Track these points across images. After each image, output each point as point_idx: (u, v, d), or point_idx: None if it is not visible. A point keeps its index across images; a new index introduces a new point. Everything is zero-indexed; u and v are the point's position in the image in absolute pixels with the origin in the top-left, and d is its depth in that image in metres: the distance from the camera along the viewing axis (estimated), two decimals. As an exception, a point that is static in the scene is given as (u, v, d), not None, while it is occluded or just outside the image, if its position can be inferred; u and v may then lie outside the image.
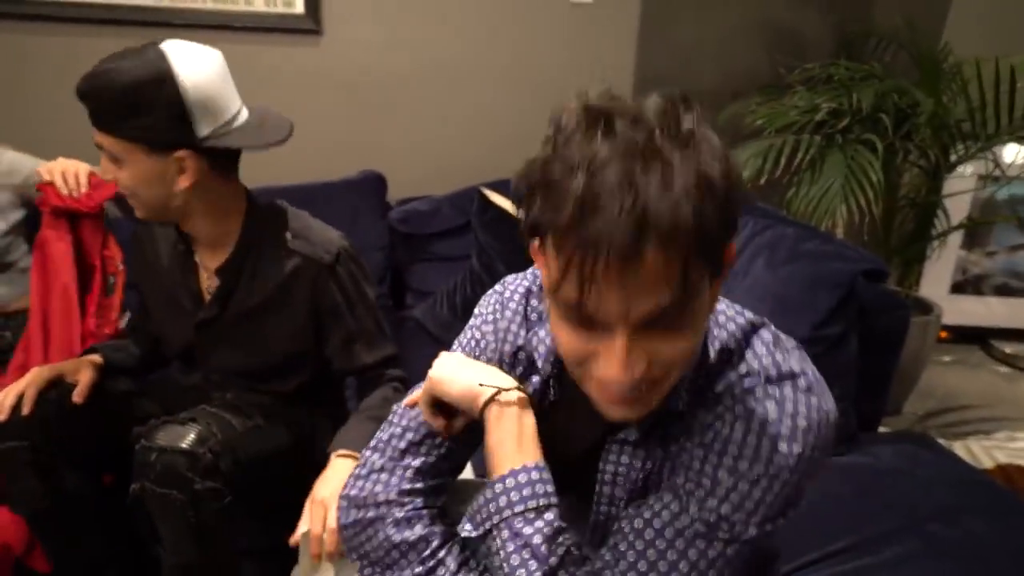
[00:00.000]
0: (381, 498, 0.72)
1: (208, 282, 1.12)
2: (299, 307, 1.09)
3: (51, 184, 1.27)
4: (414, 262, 1.90)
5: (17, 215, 1.43)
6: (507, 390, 0.68)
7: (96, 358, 1.15)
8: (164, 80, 0.90)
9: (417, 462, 0.73)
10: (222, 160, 1.00)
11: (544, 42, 2.02)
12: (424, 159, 2.06)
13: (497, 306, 0.75)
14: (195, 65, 0.93)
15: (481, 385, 0.68)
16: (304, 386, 1.19)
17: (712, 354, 0.63)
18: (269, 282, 1.08)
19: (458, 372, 0.70)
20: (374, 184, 1.90)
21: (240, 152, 1.03)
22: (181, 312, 1.14)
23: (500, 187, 1.82)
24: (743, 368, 0.62)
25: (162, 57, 0.91)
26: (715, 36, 2.30)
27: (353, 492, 0.74)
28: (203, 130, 0.95)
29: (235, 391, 1.17)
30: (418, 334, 1.77)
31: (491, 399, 0.67)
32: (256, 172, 1.21)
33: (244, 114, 1.01)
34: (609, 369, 0.52)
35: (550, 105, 0.54)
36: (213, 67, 0.95)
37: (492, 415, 0.67)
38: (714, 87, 2.27)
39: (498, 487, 0.64)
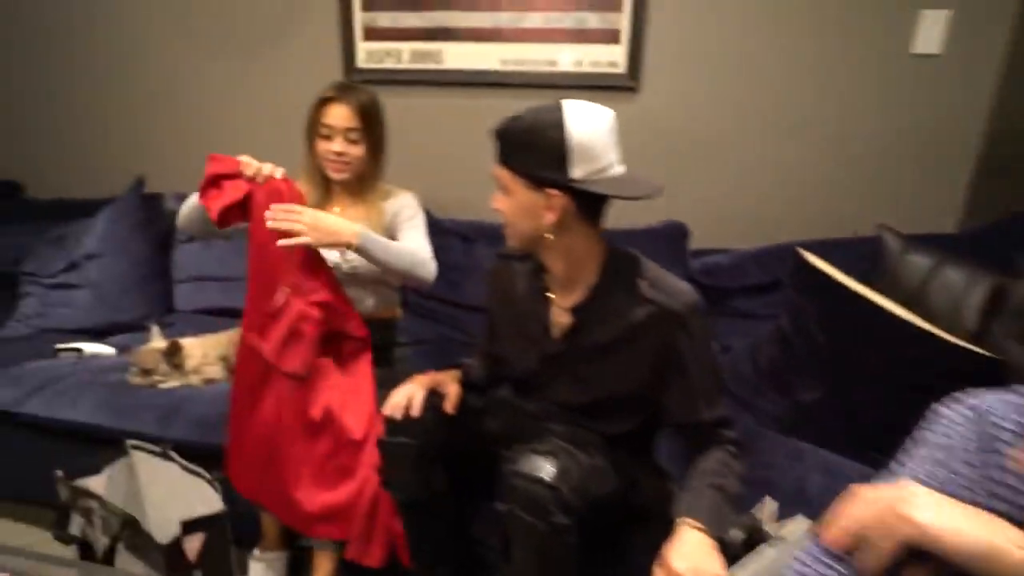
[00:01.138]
0: None
1: (559, 318, 1.15)
2: (645, 352, 1.08)
3: None
4: (712, 315, 1.81)
5: None
6: None
7: (458, 373, 1.25)
8: (556, 126, 0.98)
9: None
10: (587, 204, 1.03)
11: (874, 96, 1.82)
12: (728, 212, 1.97)
13: (971, 435, 0.62)
14: (584, 117, 0.99)
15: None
16: (629, 431, 1.17)
17: None
18: (620, 325, 1.09)
19: (965, 523, 0.59)
20: (676, 234, 1.86)
21: (605, 201, 1.06)
22: (529, 342, 1.19)
23: (813, 247, 1.67)
24: None
25: (559, 108, 1.00)
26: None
27: None
28: (576, 173, 0.99)
29: (567, 425, 1.18)
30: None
31: None
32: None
33: (618, 169, 1.04)
34: None
35: (876, 163, 0.42)
36: (600, 122, 1.01)
37: None
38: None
39: None
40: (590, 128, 0.99)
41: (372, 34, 2.10)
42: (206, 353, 1.68)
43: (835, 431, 1.43)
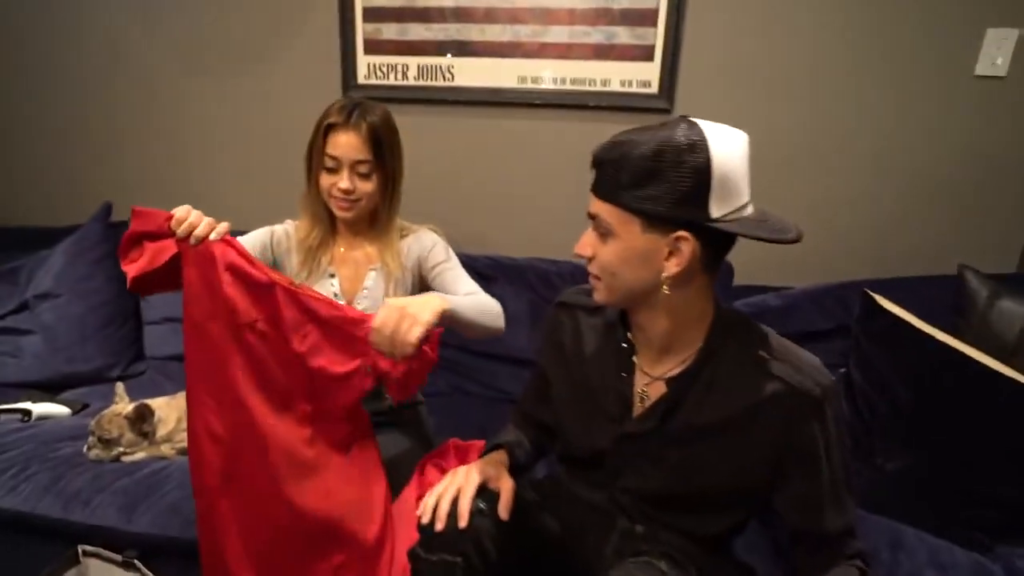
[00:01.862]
0: None
1: (646, 389, 0.92)
2: (763, 440, 0.85)
3: None
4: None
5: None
6: None
7: (505, 457, 1.00)
8: (696, 147, 0.76)
9: None
10: (714, 251, 0.82)
11: (930, 119, 1.64)
12: (772, 248, 1.76)
13: None
14: (726, 139, 0.78)
15: None
16: (719, 534, 0.94)
17: None
18: (733, 403, 0.86)
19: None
20: (721, 271, 1.64)
21: (729, 248, 0.84)
22: (602, 416, 0.95)
23: (879, 287, 1.46)
24: None
25: (694, 126, 0.78)
26: None
27: None
28: (715, 210, 0.78)
29: (645, 523, 0.94)
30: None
31: None
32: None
33: (751, 208, 0.83)
34: None
35: (934, 190, 0.20)
36: (740, 146, 0.80)
37: None
38: None
39: None
40: (732, 154, 0.78)
41: (374, 47, 1.85)
42: (181, 416, 1.38)
43: (927, 506, 1.21)
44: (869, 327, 1.41)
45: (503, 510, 0.88)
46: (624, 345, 0.94)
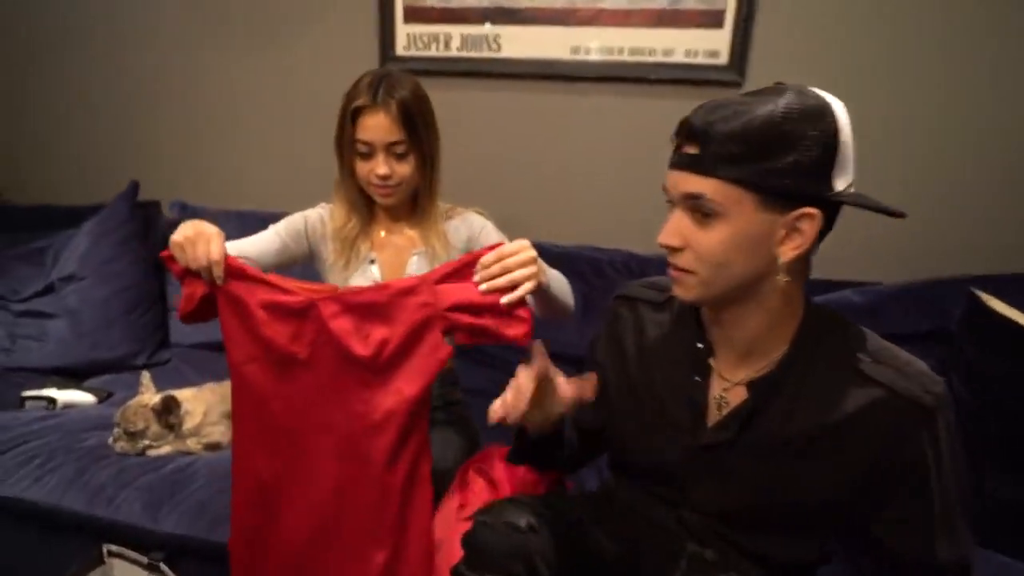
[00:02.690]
0: None
1: (724, 395, 0.87)
2: (861, 453, 0.79)
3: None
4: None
5: None
6: None
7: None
8: (824, 113, 0.73)
9: None
10: (821, 234, 0.77)
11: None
12: (852, 236, 1.67)
13: None
14: (839, 105, 0.75)
15: None
16: (802, 563, 0.88)
17: None
18: (823, 411, 0.80)
19: None
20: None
21: (827, 233, 0.78)
22: (670, 425, 0.90)
23: (986, 285, 1.36)
24: None
25: (814, 93, 0.74)
26: None
27: None
28: (837, 183, 0.74)
29: (717, 548, 0.89)
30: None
31: None
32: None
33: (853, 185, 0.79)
34: None
35: None
36: (846, 114, 0.76)
37: None
38: None
39: None
40: (846, 121, 0.75)
41: (415, 15, 1.82)
42: (209, 409, 1.39)
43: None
44: (976, 332, 1.32)
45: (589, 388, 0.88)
46: (700, 345, 0.88)
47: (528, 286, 0.93)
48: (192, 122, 2.12)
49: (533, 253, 0.94)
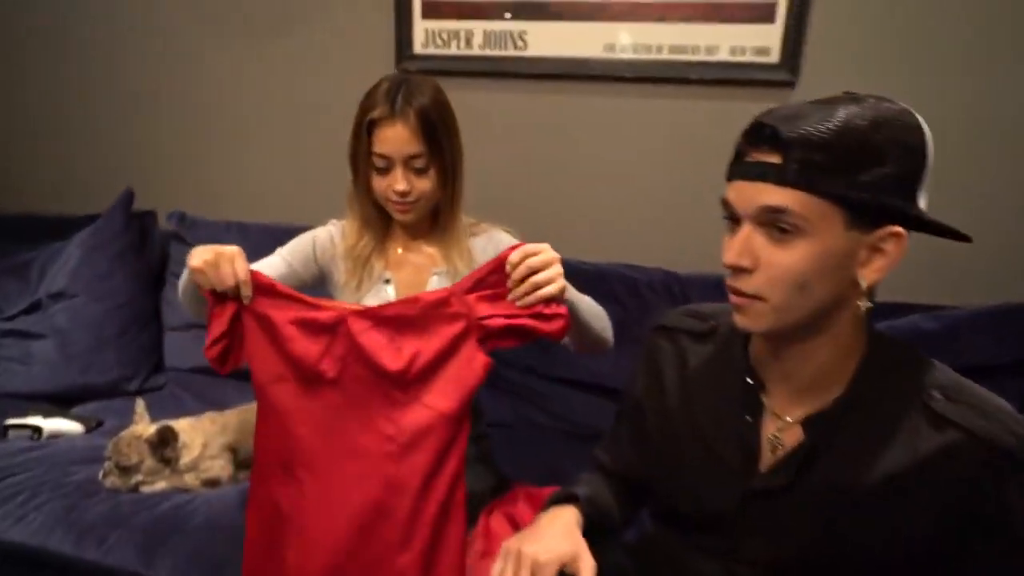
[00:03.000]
0: None
1: (779, 435, 0.85)
2: (935, 503, 0.76)
3: None
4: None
5: None
6: None
7: (578, 516, 0.93)
8: (913, 124, 0.74)
9: None
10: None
11: None
12: (920, 253, 1.63)
13: None
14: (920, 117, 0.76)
15: None
16: None
17: None
18: (889, 455, 0.78)
19: None
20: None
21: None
22: (719, 468, 0.88)
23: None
24: None
25: (897, 103, 0.75)
26: None
27: None
28: (921, 201, 0.75)
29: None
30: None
31: None
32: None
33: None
34: None
35: None
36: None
37: None
38: None
39: None
40: (930, 135, 0.75)
41: (434, 10, 1.83)
42: (208, 441, 1.38)
43: None
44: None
45: None
46: (750, 381, 0.86)
47: (559, 284, 0.97)
48: (192, 125, 2.13)
49: (555, 253, 0.99)
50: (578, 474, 1.07)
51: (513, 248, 0.99)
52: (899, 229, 0.72)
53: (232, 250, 1.00)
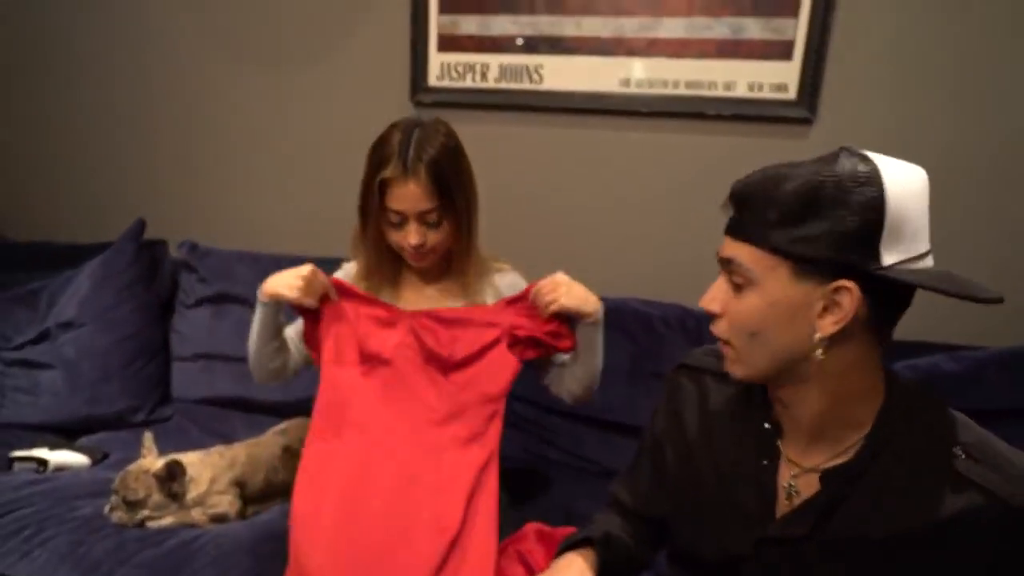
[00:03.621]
0: None
1: (795, 483, 0.85)
2: (957, 565, 0.76)
3: None
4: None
5: None
6: None
7: (592, 559, 0.95)
8: (870, 180, 0.73)
9: None
10: (884, 310, 0.77)
11: None
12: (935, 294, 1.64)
13: None
14: (902, 172, 0.75)
15: None
16: None
17: None
18: (911, 512, 0.77)
19: None
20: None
21: (905, 308, 0.79)
22: (736, 513, 0.88)
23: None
24: None
25: (866, 159, 0.75)
26: None
27: None
28: (887, 257, 0.73)
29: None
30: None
31: None
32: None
33: (931, 261, 0.78)
34: None
35: None
36: (920, 183, 0.76)
37: None
38: None
39: None
40: (910, 190, 0.74)
41: (450, 43, 1.87)
42: (216, 476, 1.38)
43: None
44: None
45: None
46: (767, 425, 0.87)
47: (560, 302, 1.22)
48: (204, 154, 2.17)
49: (562, 278, 1.24)
50: (590, 511, 1.08)
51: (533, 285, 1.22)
52: (848, 283, 0.73)
53: (307, 267, 1.22)
